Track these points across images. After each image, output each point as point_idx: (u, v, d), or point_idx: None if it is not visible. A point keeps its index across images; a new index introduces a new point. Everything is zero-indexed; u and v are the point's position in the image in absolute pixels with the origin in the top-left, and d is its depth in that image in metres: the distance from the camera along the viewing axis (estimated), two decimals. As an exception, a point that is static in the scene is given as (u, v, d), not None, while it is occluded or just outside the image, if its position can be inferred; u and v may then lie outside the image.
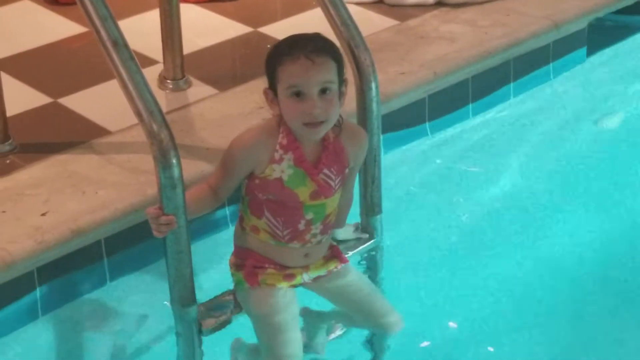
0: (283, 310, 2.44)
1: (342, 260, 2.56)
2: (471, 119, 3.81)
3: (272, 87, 2.37)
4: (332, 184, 2.44)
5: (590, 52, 4.18)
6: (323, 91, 2.32)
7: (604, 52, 4.23)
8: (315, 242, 2.48)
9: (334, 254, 2.56)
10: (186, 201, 2.37)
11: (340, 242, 2.68)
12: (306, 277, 2.51)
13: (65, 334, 2.81)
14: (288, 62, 2.32)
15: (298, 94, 2.31)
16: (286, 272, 2.48)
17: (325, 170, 2.42)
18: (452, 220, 3.31)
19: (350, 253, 2.68)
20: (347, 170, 2.48)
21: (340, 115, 2.40)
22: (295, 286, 2.51)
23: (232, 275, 2.52)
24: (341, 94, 2.38)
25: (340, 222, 2.63)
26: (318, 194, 2.42)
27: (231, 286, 2.55)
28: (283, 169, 2.38)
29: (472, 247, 3.19)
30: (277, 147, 2.38)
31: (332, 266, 2.54)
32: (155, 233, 2.35)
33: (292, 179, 2.39)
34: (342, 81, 2.38)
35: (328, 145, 2.42)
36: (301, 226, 2.44)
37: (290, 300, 2.47)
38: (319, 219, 2.45)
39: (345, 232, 2.72)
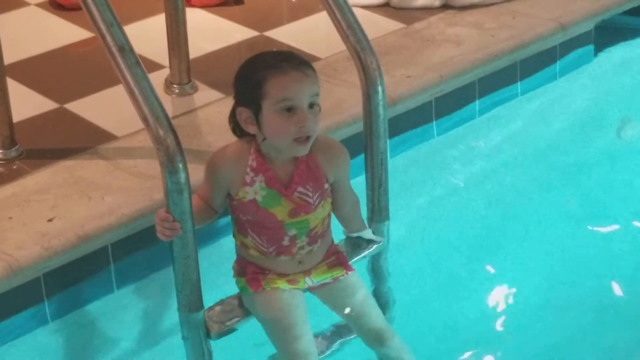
0: (290, 309, 2.44)
1: (348, 268, 2.55)
2: (478, 121, 3.80)
3: (252, 105, 2.33)
4: (311, 200, 2.42)
5: (597, 54, 4.17)
6: (311, 105, 2.31)
7: (611, 54, 4.22)
8: (304, 252, 2.48)
9: (340, 261, 2.55)
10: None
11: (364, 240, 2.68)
12: (309, 281, 2.51)
13: (73, 340, 2.81)
14: (277, 76, 2.29)
15: (289, 109, 2.29)
16: (288, 277, 2.48)
17: (300, 189, 2.40)
18: (459, 223, 3.30)
19: (356, 258, 2.67)
20: (326, 186, 2.46)
21: None
22: (300, 290, 2.51)
23: (236, 281, 2.52)
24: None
25: (357, 223, 2.62)
26: (297, 211, 2.41)
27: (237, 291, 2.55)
28: (256, 191, 2.38)
29: (479, 248, 3.18)
30: (248, 169, 2.37)
31: (338, 274, 2.53)
32: (159, 235, 2.34)
33: (267, 200, 2.38)
34: None
35: (300, 164, 2.40)
36: (285, 242, 2.43)
37: (297, 300, 2.47)
38: (303, 233, 2.44)
39: (368, 232, 2.71)
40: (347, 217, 2.62)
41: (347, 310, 2.53)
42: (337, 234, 2.61)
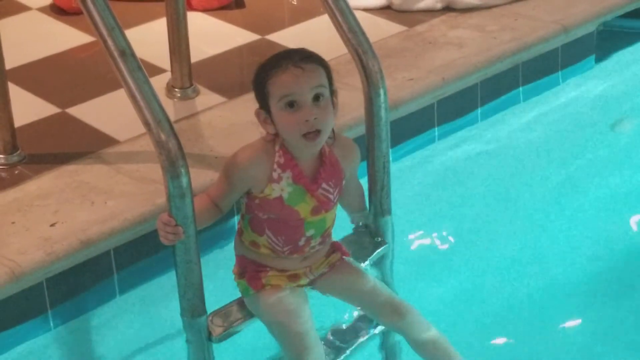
0: (293, 306, 2.45)
1: (344, 253, 2.56)
2: (480, 124, 3.80)
3: (264, 105, 2.37)
4: (332, 197, 2.45)
5: (598, 57, 4.16)
6: (316, 98, 2.32)
7: (613, 56, 4.22)
8: (313, 251, 2.50)
9: (334, 248, 2.57)
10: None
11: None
12: (310, 275, 2.52)
13: (76, 345, 2.81)
14: (277, 74, 2.32)
15: (292, 105, 2.31)
16: (288, 273, 2.49)
17: (324, 185, 2.42)
18: (461, 226, 3.30)
19: (364, 264, 2.67)
20: (343, 182, 2.49)
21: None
22: (301, 286, 2.51)
23: (237, 284, 2.52)
24: (334, 104, 2.37)
25: (361, 204, 2.68)
26: (319, 209, 2.43)
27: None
28: (283, 187, 2.38)
29: (479, 251, 3.19)
30: (275, 166, 2.38)
31: (334, 259, 2.55)
32: (162, 240, 2.34)
33: (292, 197, 2.39)
34: (332, 91, 2.38)
35: (325, 159, 2.43)
36: (301, 242, 2.45)
37: (299, 296, 2.48)
38: (319, 234, 2.47)
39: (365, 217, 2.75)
40: (354, 203, 2.68)
41: (355, 293, 2.53)
42: (336, 233, 2.62)
